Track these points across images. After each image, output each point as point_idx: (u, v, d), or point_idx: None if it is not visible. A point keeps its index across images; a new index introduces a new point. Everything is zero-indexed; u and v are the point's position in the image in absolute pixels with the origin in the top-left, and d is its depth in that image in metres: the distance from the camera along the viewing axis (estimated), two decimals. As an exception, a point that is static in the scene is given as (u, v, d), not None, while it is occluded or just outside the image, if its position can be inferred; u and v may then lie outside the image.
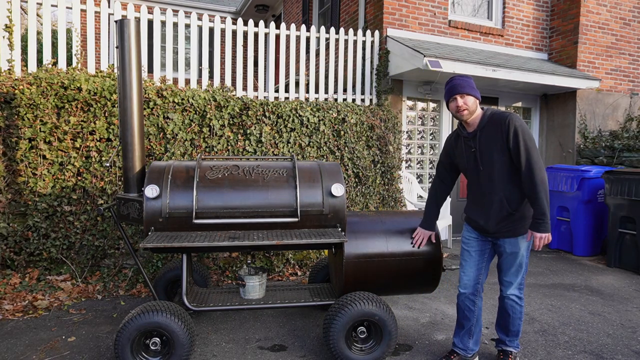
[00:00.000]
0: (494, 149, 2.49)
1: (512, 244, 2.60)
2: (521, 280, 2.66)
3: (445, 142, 2.85)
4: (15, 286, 3.90)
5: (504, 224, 2.57)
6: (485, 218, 2.62)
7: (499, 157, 2.49)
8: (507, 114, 2.49)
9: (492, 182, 2.54)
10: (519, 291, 2.67)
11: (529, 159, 2.40)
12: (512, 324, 2.71)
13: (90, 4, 4.67)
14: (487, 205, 2.59)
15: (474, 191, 2.68)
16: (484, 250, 2.74)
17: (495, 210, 2.56)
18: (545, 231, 2.42)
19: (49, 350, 2.99)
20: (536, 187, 2.39)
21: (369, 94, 6.10)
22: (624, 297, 4.28)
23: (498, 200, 2.54)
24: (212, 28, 5.31)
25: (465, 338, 2.81)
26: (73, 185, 4.18)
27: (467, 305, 2.76)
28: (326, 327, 2.78)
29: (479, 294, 2.75)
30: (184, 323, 2.61)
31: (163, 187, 2.90)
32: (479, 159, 2.57)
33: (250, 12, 11.40)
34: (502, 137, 2.46)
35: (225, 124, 4.66)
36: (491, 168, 2.53)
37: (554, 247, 6.27)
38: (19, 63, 4.40)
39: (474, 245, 2.75)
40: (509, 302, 2.67)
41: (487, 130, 2.52)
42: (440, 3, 6.38)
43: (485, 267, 2.76)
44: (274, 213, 2.99)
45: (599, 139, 6.77)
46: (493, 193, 2.55)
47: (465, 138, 2.63)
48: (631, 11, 7.22)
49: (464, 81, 2.55)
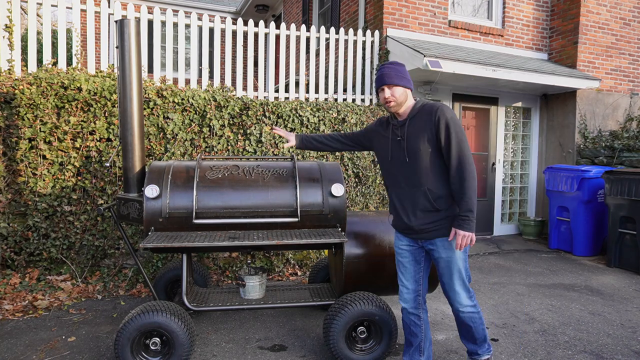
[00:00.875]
0: (421, 139, 2.32)
1: (445, 247, 2.38)
2: (469, 287, 2.45)
3: (373, 123, 2.67)
4: (15, 286, 3.90)
5: (429, 221, 2.36)
6: (408, 214, 2.42)
7: (425, 149, 2.32)
8: (438, 104, 2.34)
9: (417, 174, 2.35)
10: (471, 300, 2.45)
11: (460, 153, 2.25)
12: (476, 332, 2.50)
13: (90, 4, 4.67)
14: (411, 199, 2.40)
15: (398, 184, 2.46)
16: (419, 259, 2.53)
17: (420, 205, 2.37)
18: (470, 230, 2.25)
19: (49, 350, 2.99)
20: (465, 181, 2.24)
21: (369, 94, 6.10)
22: (624, 297, 4.28)
23: (422, 193, 2.35)
24: (212, 28, 5.31)
25: (416, 355, 2.61)
26: (73, 185, 4.18)
27: (413, 320, 2.57)
28: (326, 327, 2.78)
29: (421, 307, 2.56)
30: (184, 323, 2.61)
31: (163, 187, 2.90)
32: (405, 148, 2.38)
33: (250, 12, 11.40)
34: (432, 128, 2.30)
35: (225, 124, 4.66)
36: (417, 159, 2.34)
37: (554, 247, 6.27)
38: (19, 63, 4.40)
39: (407, 255, 2.53)
40: (465, 315, 2.46)
41: (416, 119, 2.36)
42: (440, 3, 6.38)
43: (424, 277, 2.55)
44: (274, 213, 2.99)
45: (599, 139, 6.77)
46: (418, 186, 2.36)
47: (394, 126, 2.46)
48: (631, 11, 7.22)
49: (392, 70, 2.37)
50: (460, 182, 2.25)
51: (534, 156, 7.40)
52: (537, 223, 6.99)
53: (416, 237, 2.45)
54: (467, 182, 2.24)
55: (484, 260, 5.68)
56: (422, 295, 2.57)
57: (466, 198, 2.24)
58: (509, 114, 7.21)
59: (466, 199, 2.24)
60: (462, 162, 2.25)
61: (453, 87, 6.60)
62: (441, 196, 2.34)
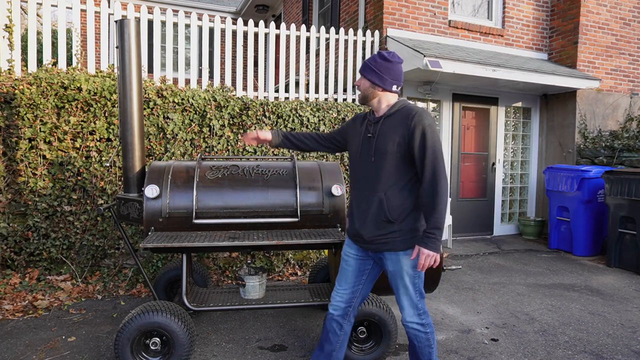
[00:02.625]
0: (391, 141, 2.15)
1: (392, 260, 2.21)
2: (417, 303, 2.26)
3: (350, 119, 2.51)
4: (15, 286, 3.90)
5: (379, 233, 2.19)
6: (361, 220, 2.25)
7: (393, 152, 2.15)
8: (418, 109, 2.16)
9: (379, 177, 2.19)
10: (418, 317, 2.25)
11: (435, 164, 2.07)
12: (420, 353, 2.31)
13: (90, 4, 4.67)
14: (367, 204, 2.23)
15: (359, 186, 2.30)
16: (363, 271, 2.37)
17: (373, 213, 2.20)
18: (435, 250, 2.07)
19: (49, 350, 2.99)
20: (438, 196, 2.06)
21: (369, 94, 6.09)
22: (624, 297, 4.28)
23: (378, 200, 2.18)
24: (212, 28, 5.31)
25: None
26: (73, 185, 4.18)
27: (333, 327, 2.41)
28: (326, 327, 2.78)
29: (348, 317, 2.42)
30: (184, 323, 2.61)
31: (163, 187, 2.90)
32: (373, 147, 2.21)
33: (250, 12, 11.40)
34: (405, 132, 2.12)
35: (225, 124, 4.66)
36: (383, 161, 2.18)
37: (554, 247, 6.27)
38: (19, 63, 4.40)
39: (352, 264, 2.36)
40: (410, 330, 2.29)
41: (391, 119, 2.20)
42: (440, 3, 6.38)
43: (362, 289, 2.40)
44: (274, 213, 2.99)
45: (599, 139, 6.77)
46: (375, 191, 2.19)
47: (369, 122, 2.30)
48: (631, 11, 7.22)
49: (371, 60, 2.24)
50: (433, 196, 2.07)
51: (534, 156, 7.40)
52: (537, 223, 6.99)
53: (364, 246, 2.29)
54: (440, 197, 2.06)
55: (484, 260, 5.68)
56: (354, 307, 2.42)
57: (436, 214, 2.07)
58: (509, 114, 7.21)
59: (436, 215, 2.07)
60: (437, 175, 2.08)
61: (453, 87, 6.60)
62: (397, 207, 2.17)
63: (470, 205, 6.94)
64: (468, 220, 6.91)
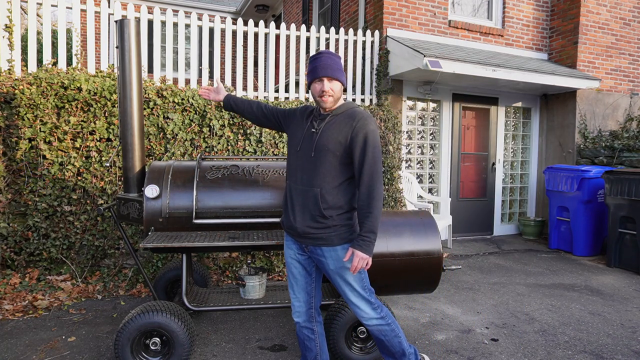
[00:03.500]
0: (334, 140, 2.16)
1: (332, 258, 2.21)
2: (369, 298, 2.26)
3: (300, 106, 2.47)
4: (15, 286, 3.90)
5: (313, 227, 2.19)
6: (295, 213, 2.24)
7: (334, 150, 2.15)
8: (365, 114, 2.18)
9: (317, 174, 2.18)
10: (375, 312, 2.26)
11: (373, 170, 2.11)
12: (390, 346, 2.33)
13: (90, 4, 4.67)
14: (303, 198, 2.22)
15: (294, 179, 2.28)
16: (310, 270, 2.38)
17: (309, 207, 2.19)
18: (368, 253, 2.08)
19: (49, 350, 2.99)
20: (374, 200, 2.09)
21: (369, 94, 6.10)
22: (624, 297, 4.28)
23: (314, 196, 2.17)
24: (212, 28, 5.31)
25: None
26: (73, 185, 4.18)
27: (306, 334, 2.43)
28: (326, 327, 2.78)
29: (315, 319, 2.44)
30: (184, 323, 2.61)
31: (163, 187, 2.90)
32: (315, 142, 2.20)
33: (250, 12, 11.40)
34: (348, 134, 2.14)
35: (225, 124, 4.66)
36: (322, 158, 2.17)
37: (554, 247, 6.28)
38: (19, 63, 4.40)
39: (297, 266, 2.36)
40: (372, 328, 2.29)
41: (338, 118, 2.20)
42: (440, 3, 6.38)
43: (316, 287, 2.42)
44: (274, 213, 2.99)
45: (599, 139, 6.77)
46: (312, 186, 2.18)
47: (315, 117, 2.29)
48: (631, 11, 7.22)
49: (334, 61, 2.18)
50: (369, 201, 2.10)
51: (534, 156, 7.40)
52: (537, 223, 6.99)
53: (300, 240, 2.29)
54: (375, 202, 2.09)
55: (484, 260, 5.68)
56: (315, 306, 2.43)
57: (372, 218, 2.09)
58: (509, 114, 7.21)
59: (372, 219, 2.09)
60: (374, 181, 2.11)
61: (453, 87, 6.60)
62: (332, 204, 2.18)
63: (470, 205, 6.94)
64: (468, 220, 6.91)
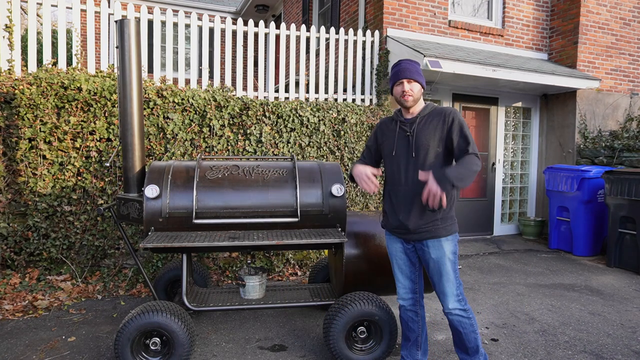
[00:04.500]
0: (432, 138, 2.38)
1: (435, 247, 2.39)
2: (457, 291, 2.41)
3: (377, 125, 2.66)
4: (15, 286, 3.90)
5: (424, 222, 2.38)
6: (405, 212, 2.42)
7: (434, 147, 2.38)
8: (451, 108, 2.44)
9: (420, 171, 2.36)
10: (459, 304, 2.40)
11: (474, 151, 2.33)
12: (467, 340, 2.44)
13: (90, 4, 4.67)
14: (410, 197, 2.40)
15: (398, 181, 2.45)
16: (414, 260, 2.55)
17: (418, 205, 2.38)
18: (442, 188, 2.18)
19: (49, 350, 2.99)
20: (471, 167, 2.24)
21: (369, 94, 6.10)
22: (624, 297, 4.28)
23: (421, 193, 2.32)
24: (212, 28, 5.31)
25: (414, 350, 2.67)
26: (73, 185, 4.18)
27: (410, 316, 2.62)
28: (326, 327, 2.78)
29: (418, 303, 2.61)
30: (184, 323, 2.61)
31: (163, 187, 2.90)
32: (412, 144, 2.41)
33: (250, 12, 11.40)
34: (443, 128, 2.37)
35: (225, 124, 4.66)
36: (424, 157, 2.38)
37: (554, 247, 6.27)
38: (19, 63, 4.40)
39: (402, 257, 2.55)
40: (454, 317, 2.42)
41: (428, 118, 2.43)
42: (440, 3, 6.38)
43: (418, 275, 2.59)
44: (274, 213, 2.99)
45: (599, 139, 6.77)
46: (419, 184, 2.34)
47: (402, 122, 2.48)
48: (631, 11, 7.22)
49: (412, 66, 2.43)
50: (469, 162, 2.26)
51: (534, 156, 7.40)
52: (537, 223, 6.99)
53: (407, 237, 2.46)
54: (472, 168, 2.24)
55: (484, 260, 5.68)
56: (419, 291, 2.60)
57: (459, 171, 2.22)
58: (509, 114, 7.21)
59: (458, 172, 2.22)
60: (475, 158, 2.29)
61: (453, 87, 6.60)
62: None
63: (470, 205, 6.93)
64: (468, 220, 6.91)
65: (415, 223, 2.40)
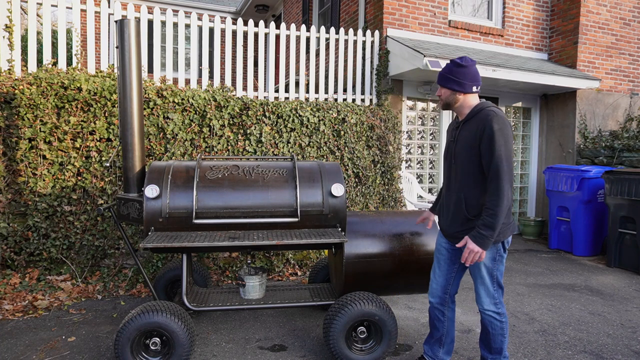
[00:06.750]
0: (468, 145, 2.33)
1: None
2: (494, 293, 2.42)
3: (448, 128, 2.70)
4: (15, 286, 3.90)
5: (460, 229, 2.40)
6: (445, 217, 2.52)
7: (468, 155, 2.33)
8: (491, 113, 2.26)
9: (458, 179, 2.40)
10: (495, 306, 2.42)
11: (499, 171, 2.18)
12: (492, 340, 2.48)
13: (90, 4, 4.67)
14: (449, 204, 2.48)
15: (445, 187, 2.55)
16: (455, 260, 2.56)
17: (453, 211, 2.43)
18: (482, 247, 2.20)
19: (49, 350, 2.99)
20: (497, 199, 2.17)
21: (369, 94, 6.10)
22: (624, 297, 4.28)
23: (458, 199, 2.39)
24: (212, 28, 5.31)
25: (436, 347, 2.70)
26: (73, 185, 4.18)
27: (436, 314, 2.64)
28: (326, 327, 2.78)
29: (447, 304, 2.61)
30: (184, 323, 2.61)
31: (163, 187, 2.90)
32: (453, 150, 2.44)
33: (250, 12, 11.40)
34: (477, 135, 2.28)
35: (225, 124, 4.66)
36: (461, 164, 2.37)
37: (554, 247, 6.27)
38: (19, 63, 4.40)
39: (444, 253, 2.58)
40: (486, 317, 2.46)
41: (469, 124, 2.36)
42: (440, 3, 6.38)
43: (455, 277, 2.58)
44: (274, 213, 2.99)
45: (599, 139, 6.77)
46: (456, 191, 2.42)
47: (454, 127, 2.51)
48: (631, 11, 7.22)
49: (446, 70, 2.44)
50: (492, 198, 2.20)
51: (534, 156, 7.40)
52: (537, 223, 6.99)
53: (449, 239, 2.53)
54: (500, 200, 2.17)
55: (484, 260, 5.68)
56: (451, 293, 2.61)
57: (491, 214, 2.19)
58: (509, 114, 7.21)
59: (491, 215, 2.19)
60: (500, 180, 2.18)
61: (453, 87, 6.59)
62: (474, 205, 2.35)
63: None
64: (468, 220, 6.90)
65: (452, 229, 2.46)
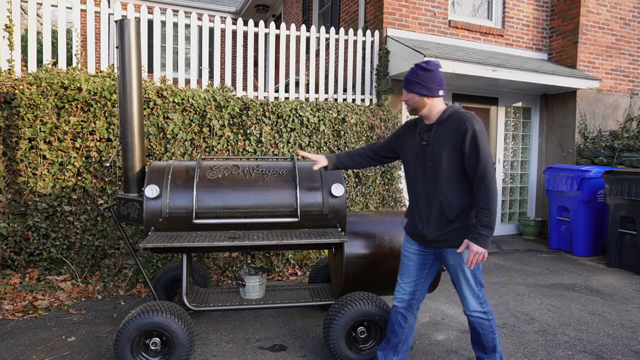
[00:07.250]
0: (446, 147, 2.30)
1: (454, 254, 2.38)
2: (478, 293, 2.43)
3: (401, 126, 2.59)
4: (15, 286, 3.90)
5: (442, 232, 2.36)
6: (423, 222, 2.42)
7: (449, 157, 2.30)
8: (468, 115, 2.30)
9: (436, 182, 2.34)
10: (480, 306, 2.43)
11: (486, 169, 2.21)
12: (484, 340, 2.48)
13: (90, 4, 4.67)
14: (427, 208, 2.39)
15: (416, 191, 2.46)
16: (424, 265, 2.52)
17: (435, 215, 2.37)
18: (485, 247, 2.22)
19: (49, 350, 2.99)
20: (488, 197, 2.21)
21: (369, 94, 6.10)
22: (624, 297, 4.28)
23: (438, 203, 2.34)
24: (212, 28, 5.31)
25: (390, 354, 2.61)
26: (73, 185, 4.18)
27: (398, 320, 2.56)
28: (326, 327, 2.78)
29: (412, 310, 2.56)
30: (184, 323, 2.61)
31: (163, 187, 2.90)
32: (428, 153, 2.36)
33: (250, 12, 11.40)
34: (457, 138, 2.27)
35: (225, 124, 4.66)
36: (439, 167, 2.33)
37: (554, 247, 6.27)
38: (19, 63, 4.40)
39: (413, 259, 2.52)
40: (474, 319, 2.45)
41: (444, 126, 2.33)
42: (440, 3, 6.38)
43: (424, 283, 2.55)
44: (274, 213, 2.99)
45: (599, 139, 6.77)
46: (435, 195, 2.35)
47: (422, 130, 2.43)
48: (631, 11, 7.22)
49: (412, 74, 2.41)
50: (483, 197, 2.22)
51: (534, 156, 7.40)
52: (537, 223, 6.99)
53: (426, 244, 2.46)
54: (490, 197, 2.21)
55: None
56: (417, 300, 2.56)
57: (487, 213, 2.21)
58: (509, 114, 7.21)
59: (487, 214, 2.21)
60: (487, 177, 2.22)
61: (453, 87, 6.60)
62: (457, 208, 2.32)
63: (470, 205, 6.93)
64: (468, 220, 6.90)
65: (434, 233, 2.39)
